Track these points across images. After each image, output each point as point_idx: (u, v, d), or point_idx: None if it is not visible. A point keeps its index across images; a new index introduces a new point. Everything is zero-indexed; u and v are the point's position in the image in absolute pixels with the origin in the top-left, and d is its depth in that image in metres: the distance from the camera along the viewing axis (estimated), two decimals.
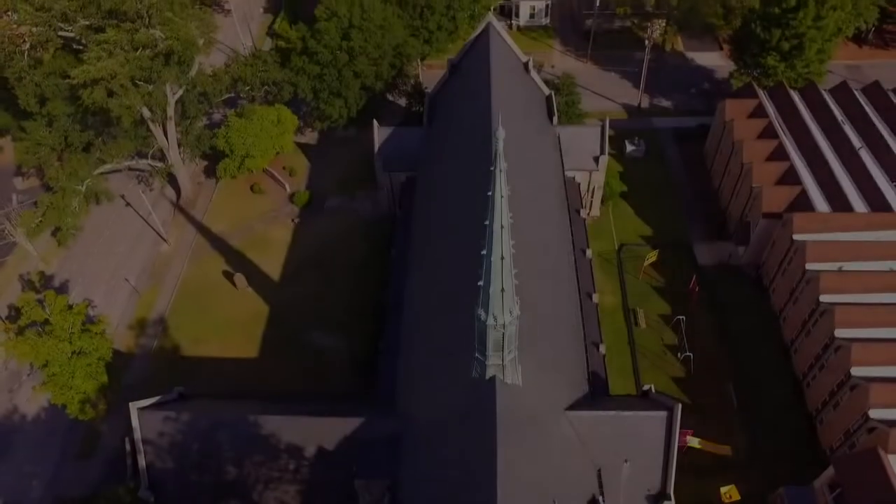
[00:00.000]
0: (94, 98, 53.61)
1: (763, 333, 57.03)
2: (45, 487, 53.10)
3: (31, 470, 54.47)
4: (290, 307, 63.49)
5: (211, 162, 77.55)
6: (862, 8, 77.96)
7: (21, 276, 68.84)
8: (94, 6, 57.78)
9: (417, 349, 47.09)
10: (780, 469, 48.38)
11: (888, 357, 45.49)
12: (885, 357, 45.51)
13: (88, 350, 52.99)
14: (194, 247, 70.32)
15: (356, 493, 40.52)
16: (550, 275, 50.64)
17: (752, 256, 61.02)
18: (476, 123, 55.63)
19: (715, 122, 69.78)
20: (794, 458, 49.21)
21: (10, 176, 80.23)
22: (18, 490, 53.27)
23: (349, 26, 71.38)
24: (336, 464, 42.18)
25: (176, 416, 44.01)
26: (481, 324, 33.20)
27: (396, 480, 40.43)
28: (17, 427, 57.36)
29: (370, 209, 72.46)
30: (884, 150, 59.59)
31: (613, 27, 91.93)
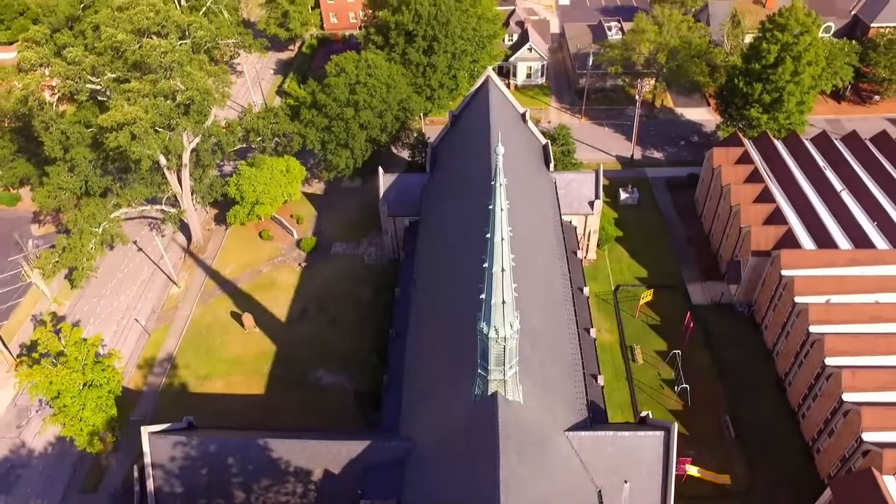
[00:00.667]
0: (118, 141, 56.95)
1: (757, 368, 58.49)
2: None
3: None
4: (296, 346, 65.04)
5: (221, 210, 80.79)
6: (837, 67, 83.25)
7: (34, 317, 70.76)
8: (120, 60, 62.29)
9: (421, 376, 48.58)
10: (779, 497, 49.02)
11: (878, 383, 46.95)
12: (876, 383, 46.97)
13: (100, 383, 54.29)
14: (204, 289, 72.45)
15: None
16: (550, 308, 52.65)
17: (743, 295, 63.13)
18: (476, 169, 58.88)
19: (704, 169, 73.31)
20: (792, 486, 49.86)
21: (27, 223, 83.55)
22: None
23: (356, 82, 75.91)
24: (342, 486, 43.03)
25: (186, 442, 45.03)
26: (483, 337, 35.07)
27: (401, 500, 41.19)
28: (24, 462, 57.98)
29: (374, 254, 74.99)
30: (864, 193, 62.72)
31: (606, 86, 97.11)
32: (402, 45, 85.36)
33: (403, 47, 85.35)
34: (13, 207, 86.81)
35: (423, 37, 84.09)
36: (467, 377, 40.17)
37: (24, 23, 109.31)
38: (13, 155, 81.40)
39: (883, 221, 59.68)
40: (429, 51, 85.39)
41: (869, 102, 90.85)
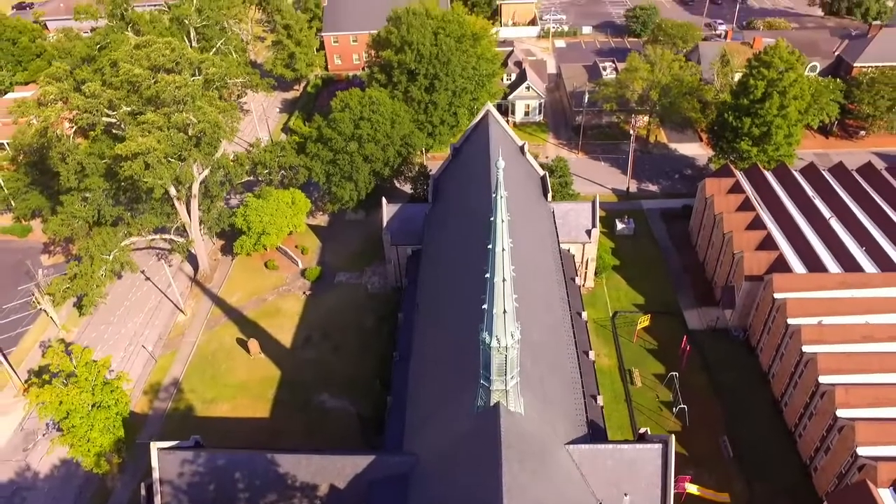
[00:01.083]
0: (132, 170, 59.22)
1: (753, 390, 59.56)
2: None
3: None
4: (300, 372, 66.10)
5: (227, 241, 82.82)
6: (823, 103, 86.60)
7: (42, 343, 71.96)
8: (136, 95, 65.14)
9: (424, 395, 49.74)
10: None
11: (871, 399, 48.13)
12: (868, 399, 48.15)
13: (108, 404, 55.33)
14: (210, 317, 73.85)
15: None
16: (550, 329, 54.15)
17: (738, 319, 64.62)
18: (476, 198, 61.08)
19: (697, 199, 75.65)
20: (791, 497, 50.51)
21: (37, 253, 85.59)
22: None
23: (360, 117, 78.86)
24: (347, 501, 43.73)
25: (194, 458, 45.90)
26: (486, 347, 36.54)
27: None
28: (30, 484, 58.43)
29: (377, 283, 76.64)
30: (852, 220, 64.88)
31: (602, 122, 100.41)
32: (404, 83, 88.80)
33: (406, 85, 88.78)
34: (24, 238, 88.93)
35: (425, 75, 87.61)
36: (469, 393, 41.47)
37: (40, 64, 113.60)
38: (27, 187, 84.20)
39: (871, 247, 61.59)
40: (430, 88, 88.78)
41: (855, 137, 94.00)
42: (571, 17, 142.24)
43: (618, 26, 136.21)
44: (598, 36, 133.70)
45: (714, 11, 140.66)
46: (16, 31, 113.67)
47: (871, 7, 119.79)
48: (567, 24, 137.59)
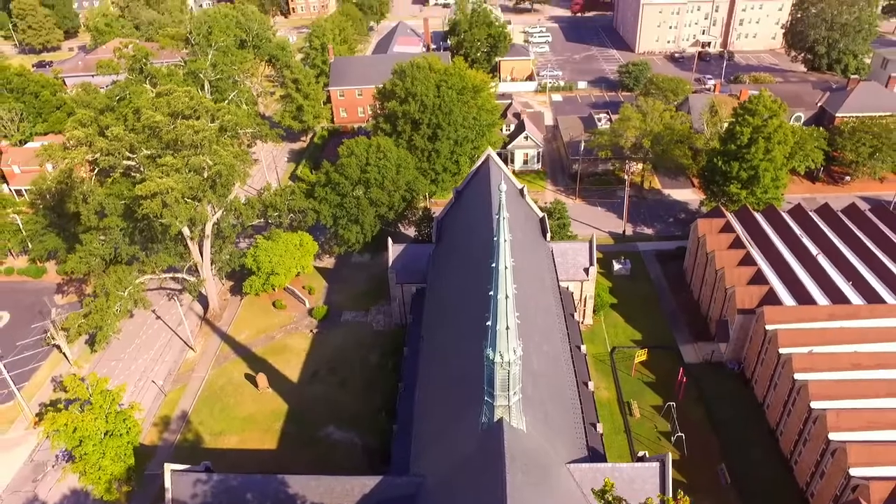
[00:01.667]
0: (151, 208, 62.37)
1: (750, 420, 61.11)
2: None
3: None
4: (307, 406, 67.59)
5: (236, 282, 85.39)
6: (808, 150, 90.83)
7: (53, 379, 73.58)
8: (155, 139, 68.98)
9: (430, 420, 51.39)
10: None
11: (862, 423, 49.84)
12: (859, 423, 49.85)
13: (120, 432, 56.74)
14: (219, 353, 75.73)
15: None
16: (550, 360, 56.14)
17: (733, 352, 66.63)
18: (478, 237, 63.98)
19: (690, 240, 78.71)
20: None
21: (51, 293, 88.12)
22: None
23: (367, 163, 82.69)
24: None
25: (206, 479, 47.29)
26: (490, 363, 38.72)
27: None
28: None
29: (382, 321, 78.80)
30: (839, 256, 67.75)
31: (598, 170, 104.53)
32: (408, 132, 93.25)
33: (410, 134, 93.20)
34: (39, 279, 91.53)
35: (428, 124, 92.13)
36: (473, 416, 43.39)
37: (59, 116, 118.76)
38: (44, 229, 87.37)
39: (857, 281, 64.22)
40: (433, 137, 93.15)
41: (841, 183, 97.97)
42: (567, 73, 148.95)
43: (611, 81, 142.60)
44: (592, 90, 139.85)
45: (703, 67, 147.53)
46: (38, 85, 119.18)
47: (849, 63, 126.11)
48: (563, 80, 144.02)
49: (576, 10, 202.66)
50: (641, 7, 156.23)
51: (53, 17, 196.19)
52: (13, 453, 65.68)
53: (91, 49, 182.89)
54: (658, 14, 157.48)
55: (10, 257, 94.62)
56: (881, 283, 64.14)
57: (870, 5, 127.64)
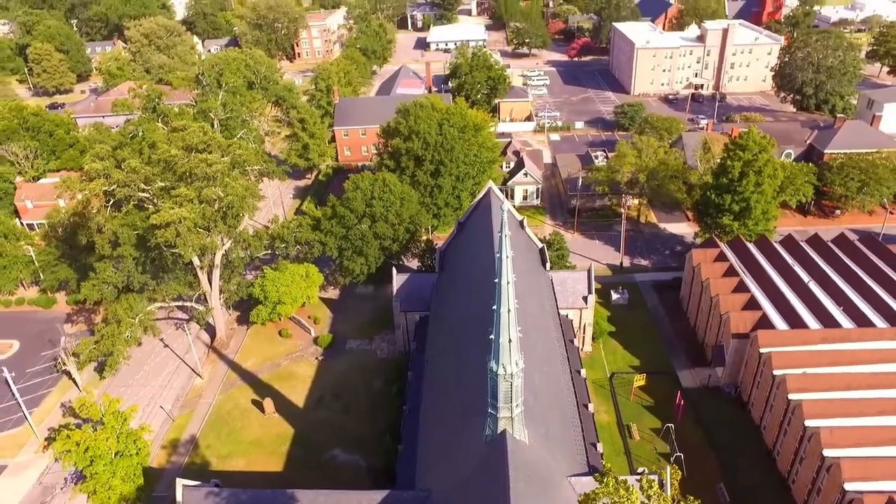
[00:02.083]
0: (165, 237, 64.87)
1: (747, 441, 62.37)
2: None
3: None
4: (313, 429, 68.82)
5: (243, 313, 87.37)
6: (799, 185, 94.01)
7: (62, 404, 74.86)
8: (170, 172, 71.96)
9: (434, 438, 52.77)
10: None
11: (855, 439, 51.31)
12: (852, 440, 51.32)
13: (130, 452, 58.03)
14: (226, 380, 77.19)
15: None
16: (551, 381, 57.80)
17: (729, 377, 68.24)
18: (480, 266, 66.31)
19: (685, 269, 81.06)
20: None
21: (61, 322, 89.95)
22: None
23: (372, 197, 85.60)
24: None
25: (217, 493, 48.51)
26: (493, 375, 40.61)
27: None
28: None
29: (386, 349, 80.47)
30: (829, 283, 70.00)
31: (595, 205, 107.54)
32: (411, 168, 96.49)
33: (413, 170, 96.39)
34: (49, 309, 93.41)
35: (431, 161, 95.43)
36: (478, 430, 44.99)
37: (72, 154, 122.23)
38: (56, 260, 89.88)
39: (847, 306, 66.29)
40: (435, 173, 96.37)
41: (832, 216, 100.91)
42: (565, 114, 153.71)
43: (608, 122, 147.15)
44: (589, 130, 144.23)
45: (696, 108, 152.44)
46: (53, 124, 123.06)
47: (836, 104, 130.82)
48: (561, 120, 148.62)
49: (572, 54, 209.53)
50: (636, 51, 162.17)
51: (67, 62, 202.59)
52: (22, 476, 66.60)
53: (103, 91, 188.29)
54: (652, 58, 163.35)
55: (21, 288, 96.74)
56: (870, 307, 66.20)
57: (853, 50, 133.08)
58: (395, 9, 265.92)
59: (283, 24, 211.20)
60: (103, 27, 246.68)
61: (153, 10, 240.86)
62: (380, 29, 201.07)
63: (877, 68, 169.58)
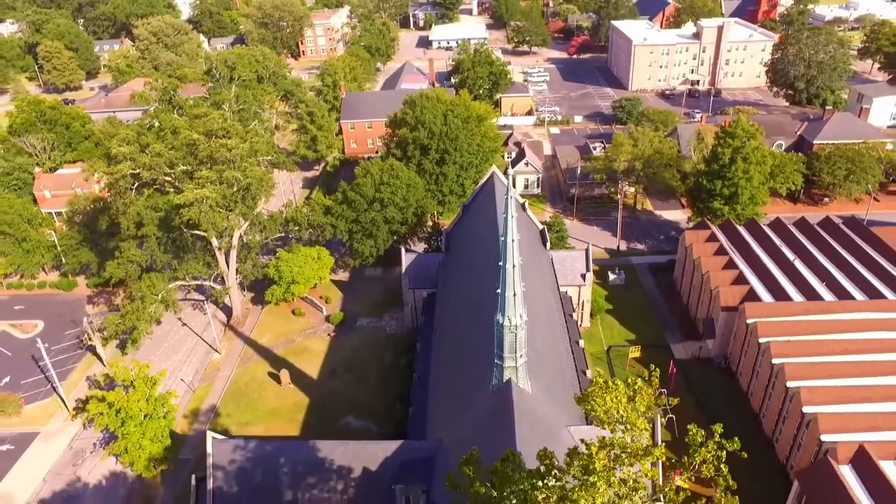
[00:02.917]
0: (189, 214, 69.09)
1: (735, 406, 66.59)
2: None
3: None
4: (327, 399, 73.02)
5: (257, 294, 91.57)
6: (789, 173, 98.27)
7: (88, 378, 79.04)
8: (192, 156, 76.15)
9: (443, 397, 56.96)
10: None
11: (831, 397, 55.52)
12: (829, 397, 55.54)
13: (159, 415, 62.20)
14: (243, 355, 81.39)
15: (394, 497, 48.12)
16: (553, 347, 62.08)
17: (719, 348, 72.47)
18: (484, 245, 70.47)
19: (679, 250, 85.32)
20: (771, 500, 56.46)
21: (82, 304, 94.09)
22: None
23: (381, 182, 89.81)
24: (379, 481, 50.03)
25: (243, 445, 52.64)
26: (499, 327, 44.78)
27: (430, 487, 48.30)
28: (80, 493, 64.24)
29: (395, 326, 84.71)
30: (813, 261, 74.21)
31: (594, 194, 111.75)
32: (417, 156, 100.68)
33: (419, 159, 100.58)
34: (70, 292, 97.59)
35: (436, 150, 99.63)
36: (484, 385, 49.16)
37: (88, 146, 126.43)
38: (78, 244, 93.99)
39: (830, 282, 70.48)
40: (441, 162, 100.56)
41: (820, 203, 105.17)
42: (564, 109, 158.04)
43: (606, 115, 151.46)
44: (588, 124, 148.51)
45: (691, 103, 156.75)
46: (69, 117, 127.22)
47: (827, 98, 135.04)
48: (560, 115, 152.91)
49: (572, 52, 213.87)
50: (633, 48, 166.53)
51: (77, 59, 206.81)
52: (53, 442, 70.76)
53: (112, 88, 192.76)
54: (649, 54, 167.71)
55: (42, 273, 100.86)
56: (851, 283, 70.44)
57: (843, 46, 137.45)
58: (397, 8, 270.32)
59: (288, 22, 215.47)
60: (111, 26, 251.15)
61: (159, 9, 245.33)
62: (383, 27, 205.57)
63: (868, 65, 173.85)
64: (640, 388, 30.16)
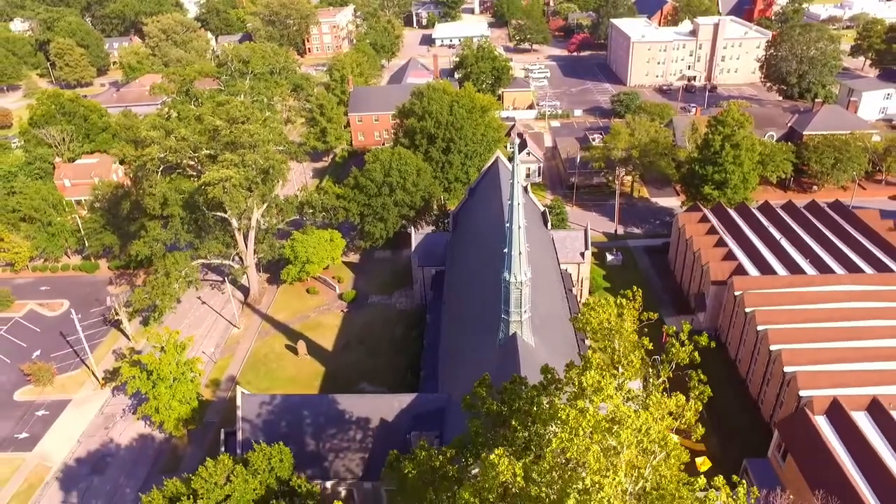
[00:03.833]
0: (214, 193, 73.88)
1: (724, 373, 71.22)
2: (136, 493, 63.39)
3: (125, 482, 65.38)
4: (342, 369, 77.75)
5: (272, 275, 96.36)
6: (779, 161, 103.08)
7: (114, 351, 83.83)
8: (215, 140, 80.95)
9: (452, 360, 61.73)
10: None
11: (810, 359, 60.23)
12: (808, 359, 60.26)
13: (187, 379, 66.95)
14: (260, 329, 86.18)
15: (410, 443, 52.84)
16: (556, 316, 66.78)
17: (709, 321, 77.24)
18: (490, 223, 75.22)
19: (673, 231, 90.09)
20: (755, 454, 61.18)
21: (104, 286, 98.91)
22: (115, 494, 63.88)
23: (390, 168, 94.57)
24: (395, 431, 54.81)
25: (270, 400, 57.47)
26: (506, 284, 49.56)
27: (442, 432, 53.07)
28: (112, 452, 69.02)
29: (405, 303, 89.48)
30: (798, 240, 78.96)
31: (592, 182, 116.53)
32: (425, 145, 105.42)
33: (426, 147, 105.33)
34: (92, 274, 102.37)
35: (442, 139, 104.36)
36: (491, 344, 53.89)
37: (105, 137, 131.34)
38: (101, 228, 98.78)
39: (813, 258, 75.21)
40: (446, 150, 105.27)
41: (809, 191, 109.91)
42: (565, 103, 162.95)
43: (605, 110, 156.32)
44: (588, 117, 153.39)
45: (688, 98, 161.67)
46: (87, 109, 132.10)
47: (819, 92, 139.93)
48: (561, 109, 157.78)
49: (572, 49, 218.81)
50: (632, 45, 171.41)
51: (88, 56, 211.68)
52: (84, 408, 75.58)
53: (123, 83, 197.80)
54: (647, 51, 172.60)
55: (65, 257, 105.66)
56: (832, 258, 75.19)
57: (833, 42, 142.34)
58: (400, 7, 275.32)
59: (294, 20, 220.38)
60: (120, 24, 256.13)
61: (167, 7, 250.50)
62: (388, 25, 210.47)
63: (861, 62, 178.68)
64: (626, 304, 34.84)
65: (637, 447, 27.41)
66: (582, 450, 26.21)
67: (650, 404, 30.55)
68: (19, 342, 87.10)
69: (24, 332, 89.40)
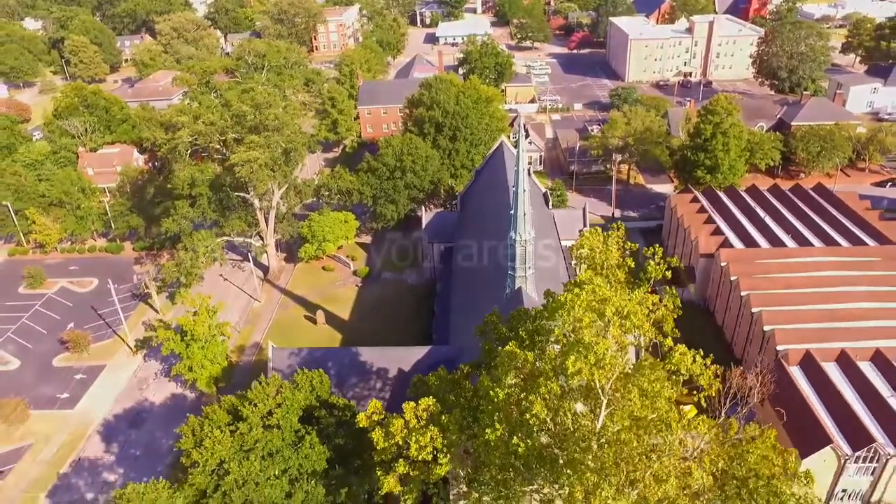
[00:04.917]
0: (242, 173, 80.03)
1: (712, 339, 77.23)
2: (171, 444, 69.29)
3: (161, 435, 71.36)
4: (358, 336, 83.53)
5: (289, 254, 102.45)
6: (767, 150, 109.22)
7: (143, 322, 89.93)
8: (240, 125, 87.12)
9: (461, 316, 67.74)
10: None
11: (786, 319, 66.43)
12: (785, 319, 66.46)
13: (217, 341, 72.95)
14: (280, 302, 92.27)
15: None
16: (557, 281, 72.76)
17: (698, 292, 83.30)
18: (495, 203, 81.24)
19: (665, 211, 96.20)
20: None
21: (129, 265, 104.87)
22: (152, 445, 69.93)
23: (402, 152, 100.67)
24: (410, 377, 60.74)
25: (297, 352, 63.55)
26: (512, 242, 55.58)
27: None
28: (147, 410, 75.15)
29: (416, 279, 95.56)
30: (782, 218, 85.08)
31: (591, 170, 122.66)
32: (433, 134, 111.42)
33: (434, 135, 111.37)
34: (117, 255, 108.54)
35: (449, 127, 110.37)
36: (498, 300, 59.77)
37: (125, 128, 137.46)
38: (127, 210, 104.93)
39: (794, 234, 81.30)
40: (453, 138, 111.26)
41: (796, 178, 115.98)
42: (565, 98, 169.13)
43: (604, 104, 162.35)
44: (587, 111, 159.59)
45: (684, 93, 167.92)
46: (108, 102, 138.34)
47: (808, 87, 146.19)
48: (561, 103, 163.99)
49: (572, 47, 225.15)
50: (630, 42, 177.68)
51: (101, 53, 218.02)
52: (119, 373, 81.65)
53: (137, 79, 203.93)
54: (644, 48, 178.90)
55: (91, 239, 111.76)
56: (812, 233, 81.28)
57: (821, 38, 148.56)
58: (404, 6, 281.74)
59: (302, 18, 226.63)
60: (131, 22, 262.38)
61: (177, 6, 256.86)
62: (394, 23, 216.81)
63: (851, 59, 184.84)
64: (611, 234, 41.23)
65: (620, 328, 33.66)
66: (578, 318, 32.40)
67: (632, 298, 36.77)
68: (55, 315, 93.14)
69: (57, 306, 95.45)
